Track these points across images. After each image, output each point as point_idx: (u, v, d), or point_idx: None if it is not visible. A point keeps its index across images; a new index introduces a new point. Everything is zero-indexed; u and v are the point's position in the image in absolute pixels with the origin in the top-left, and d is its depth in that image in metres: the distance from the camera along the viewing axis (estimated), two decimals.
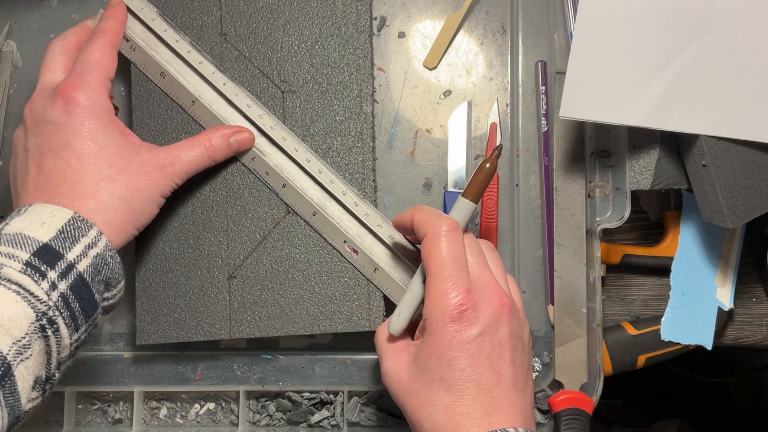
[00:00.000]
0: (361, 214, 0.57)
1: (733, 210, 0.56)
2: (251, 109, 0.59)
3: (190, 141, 0.56)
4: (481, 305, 0.46)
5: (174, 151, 0.55)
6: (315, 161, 0.58)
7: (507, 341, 0.47)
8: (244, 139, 0.57)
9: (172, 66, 0.59)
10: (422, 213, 0.49)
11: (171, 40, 0.59)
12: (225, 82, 0.59)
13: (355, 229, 0.58)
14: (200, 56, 0.59)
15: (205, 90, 0.59)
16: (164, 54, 0.59)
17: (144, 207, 0.53)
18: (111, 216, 0.51)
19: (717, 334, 0.63)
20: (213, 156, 0.56)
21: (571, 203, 0.61)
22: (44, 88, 0.54)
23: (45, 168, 0.51)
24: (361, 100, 0.60)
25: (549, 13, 0.62)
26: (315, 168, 0.58)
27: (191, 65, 0.59)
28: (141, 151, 0.54)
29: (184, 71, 0.59)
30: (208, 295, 0.59)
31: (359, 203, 0.57)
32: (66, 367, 0.49)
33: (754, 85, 0.55)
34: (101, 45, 0.55)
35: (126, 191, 0.51)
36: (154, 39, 0.60)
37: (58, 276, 0.46)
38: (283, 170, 0.58)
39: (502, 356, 0.47)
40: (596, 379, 0.60)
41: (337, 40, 0.60)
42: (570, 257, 0.61)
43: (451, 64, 0.64)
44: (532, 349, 0.61)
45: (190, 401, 0.63)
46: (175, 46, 0.59)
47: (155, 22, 0.60)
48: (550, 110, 0.62)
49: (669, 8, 0.55)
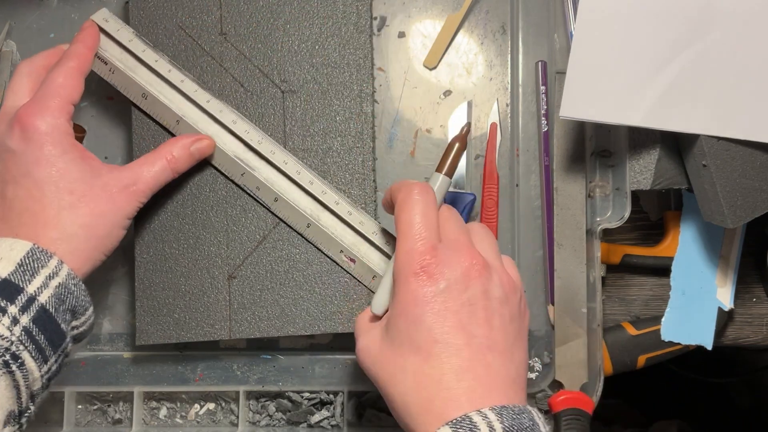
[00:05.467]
0: (356, 223, 0.57)
1: (733, 210, 0.56)
2: (237, 124, 0.58)
3: (151, 156, 0.55)
4: (448, 261, 0.45)
5: (136, 168, 0.54)
6: (305, 173, 0.58)
7: (480, 300, 0.44)
8: (204, 147, 0.57)
9: (153, 86, 0.58)
10: (397, 183, 0.50)
11: (150, 60, 0.59)
12: (209, 99, 0.58)
13: (351, 238, 0.57)
14: (181, 75, 0.59)
15: (188, 109, 0.58)
16: (144, 75, 0.58)
17: (109, 232, 0.52)
18: (75, 245, 0.50)
19: (717, 334, 0.63)
20: (175, 168, 0.56)
21: (571, 203, 0.61)
22: (6, 113, 0.53)
23: (7, 198, 0.50)
24: (361, 100, 0.60)
25: (549, 13, 0.62)
26: (306, 179, 0.58)
27: (173, 84, 0.58)
28: (102, 174, 0.52)
29: (165, 91, 0.58)
30: (208, 295, 0.59)
31: (353, 212, 0.57)
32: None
33: (754, 85, 0.55)
34: (66, 70, 0.54)
35: (89, 218, 0.51)
36: (133, 60, 0.59)
37: (19, 310, 0.46)
38: (273, 184, 0.58)
39: (474, 315, 0.44)
40: (596, 379, 0.60)
41: (338, 39, 0.60)
42: (570, 257, 0.61)
43: (451, 64, 0.64)
44: (532, 348, 0.62)
45: (190, 401, 0.63)
46: (155, 66, 0.58)
47: (132, 42, 0.59)
48: (550, 110, 0.62)
49: (669, 8, 0.55)
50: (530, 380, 0.61)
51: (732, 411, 1.17)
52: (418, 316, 0.44)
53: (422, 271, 0.44)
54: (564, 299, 0.61)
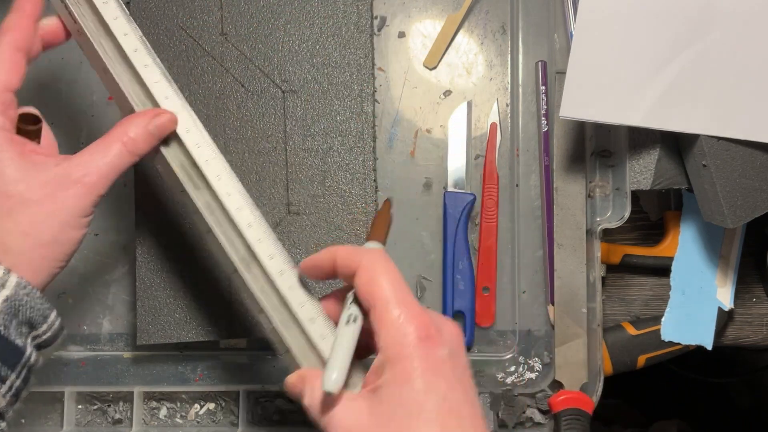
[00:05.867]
0: (284, 288, 0.47)
1: (733, 210, 0.56)
2: (190, 134, 0.48)
3: (103, 140, 0.47)
4: (440, 326, 0.42)
5: (86, 157, 0.46)
6: (248, 212, 0.47)
7: (468, 365, 0.43)
8: (164, 122, 0.47)
9: (113, 64, 0.49)
10: (345, 249, 0.44)
11: (119, 32, 0.49)
12: (167, 96, 0.48)
13: (275, 301, 0.47)
14: (148, 57, 0.49)
15: (145, 101, 0.49)
16: (109, 48, 0.49)
17: (56, 237, 0.44)
18: (18, 256, 0.44)
19: (717, 334, 0.63)
20: (134, 151, 0.47)
21: (571, 203, 0.61)
22: None
23: None
24: (362, 100, 0.60)
25: (549, 13, 0.63)
26: (245, 220, 0.47)
27: (134, 67, 0.48)
28: (47, 169, 0.45)
29: (124, 74, 0.49)
30: (209, 295, 0.59)
31: (286, 271, 0.47)
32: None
33: (754, 85, 0.55)
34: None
35: (29, 225, 0.44)
36: (101, 27, 0.49)
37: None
38: (213, 211, 0.48)
39: (469, 381, 0.42)
40: (596, 379, 0.60)
41: (338, 39, 0.60)
42: (570, 257, 0.61)
43: (451, 64, 0.64)
44: (533, 348, 0.62)
45: (190, 401, 0.63)
46: (122, 40, 0.49)
47: (107, 5, 0.49)
48: (550, 110, 0.62)
49: (669, 8, 0.55)
50: (530, 380, 0.61)
51: (732, 411, 1.17)
52: (430, 383, 0.40)
53: (426, 337, 0.41)
54: (564, 299, 0.61)
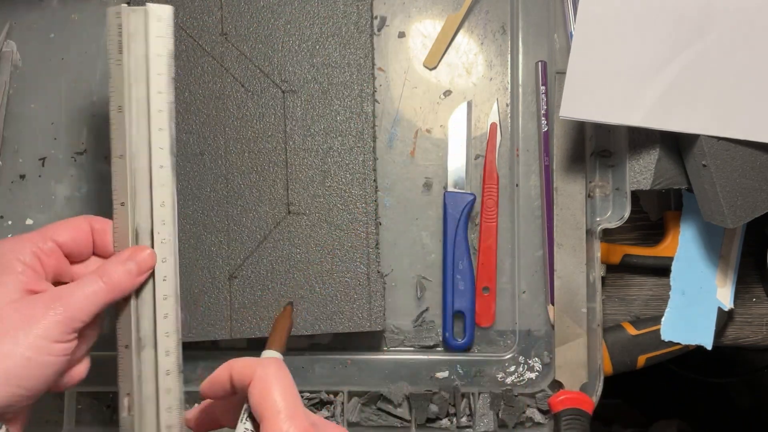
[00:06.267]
0: (163, 390, 0.49)
1: (733, 210, 0.56)
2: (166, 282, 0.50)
3: (85, 277, 0.48)
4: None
5: (62, 289, 0.47)
6: (173, 313, 0.50)
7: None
8: (143, 260, 0.49)
9: (129, 108, 0.50)
10: (240, 361, 0.44)
11: (154, 84, 0.50)
12: (162, 165, 0.50)
13: (150, 391, 0.49)
14: (167, 121, 0.50)
15: (135, 153, 0.50)
16: (134, 89, 0.50)
17: (26, 355, 0.43)
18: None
19: (717, 334, 0.63)
20: (114, 287, 0.48)
21: (571, 203, 0.61)
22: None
23: None
24: (362, 100, 0.60)
25: (549, 13, 0.63)
26: (162, 311, 0.50)
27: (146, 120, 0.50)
28: (34, 302, 0.45)
29: (129, 120, 0.50)
30: (209, 295, 0.59)
31: (173, 372, 0.50)
32: None
33: (754, 85, 0.55)
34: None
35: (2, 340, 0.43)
36: (141, 72, 0.50)
37: None
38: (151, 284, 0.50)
39: None
40: (596, 379, 0.60)
41: (338, 39, 0.60)
42: (570, 257, 0.61)
43: (451, 64, 0.64)
44: (533, 348, 0.62)
45: (190, 401, 0.63)
46: (152, 91, 0.50)
47: (155, 61, 0.50)
48: (550, 110, 0.62)
49: (669, 8, 0.55)
50: (530, 380, 0.61)
51: (732, 411, 1.17)
52: None
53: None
54: (564, 299, 0.61)
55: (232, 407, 0.47)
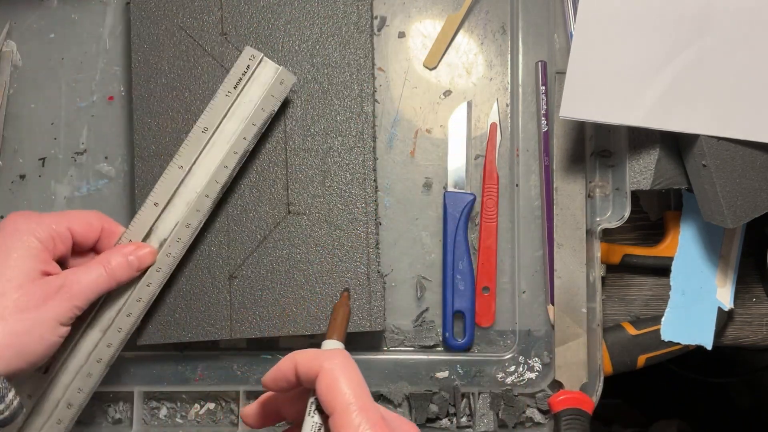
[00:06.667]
0: None
1: (733, 210, 0.56)
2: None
3: (90, 263, 0.53)
4: None
5: (69, 274, 0.51)
6: (141, 308, 0.55)
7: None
8: (144, 255, 0.54)
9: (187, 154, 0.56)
10: (305, 353, 0.44)
11: (221, 148, 0.56)
12: (200, 209, 0.56)
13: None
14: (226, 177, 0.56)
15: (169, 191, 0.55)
16: (202, 146, 0.56)
17: (30, 331, 0.48)
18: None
19: (717, 334, 0.63)
20: (113, 276, 0.53)
21: (571, 203, 0.61)
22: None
23: None
24: (362, 100, 0.60)
25: (549, 13, 0.63)
26: (127, 310, 0.55)
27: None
28: (45, 283, 0.50)
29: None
30: (209, 295, 0.59)
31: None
32: None
33: (754, 85, 0.55)
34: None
35: (9, 314, 0.47)
36: (219, 122, 0.56)
37: None
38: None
39: None
40: (596, 379, 0.60)
41: (338, 39, 0.60)
42: (570, 257, 0.61)
43: (451, 64, 0.64)
44: (533, 348, 0.62)
45: (190, 401, 0.63)
46: (221, 154, 0.56)
47: (247, 123, 0.56)
48: (550, 110, 0.62)
49: (669, 8, 0.55)
50: (530, 380, 0.61)
51: (732, 411, 1.17)
52: None
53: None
54: (564, 299, 0.61)
55: (293, 399, 0.46)
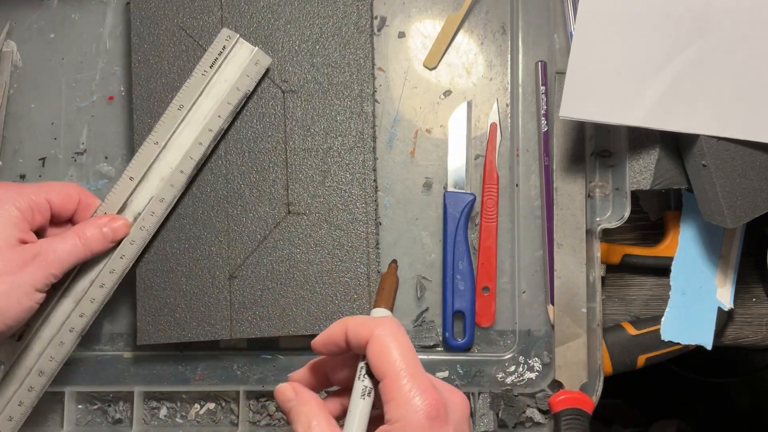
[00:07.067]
0: None
1: (733, 210, 0.56)
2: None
3: (63, 234, 0.54)
4: (448, 403, 0.43)
5: (45, 243, 0.52)
6: (115, 279, 0.56)
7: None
8: (118, 227, 0.56)
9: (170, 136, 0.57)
10: (356, 320, 0.45)
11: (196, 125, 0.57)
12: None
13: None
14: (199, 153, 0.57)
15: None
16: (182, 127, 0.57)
17: (8, 293, 0.49)
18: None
19: (717, 334, 0.63)
20: (88, 246, 0.54)
21: (571, 203, 0.61)
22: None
23: None
24: (362, 100, 0.60)
25: (549, 13, 0.63)
26: (101, 281, 0.56)
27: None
28: (23, 251, 0.51)
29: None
30: (209, 295, 0.59)
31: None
32: None
33: (754, 85, 0.55)
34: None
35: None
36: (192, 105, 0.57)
37: None
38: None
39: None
40: (596, 379, 0.60)
41: (338, 39, 0.60)
42: (570, 257, 0.61)
43: (451, 64, 0.64)
44: (533, 348, 0.62)
45: (190, 401, 0.63)
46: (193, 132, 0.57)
47: (220, 105, 0.58)
48: (550, 110, 0.62)
49: (669, 8, 0.55)
50: (530, 380, 0.61)
51: (732, 411, 1.17)
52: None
53: (436, 414, 0.41)
54: (564, 299, 0.61)
55: (342, 364, 0.47)
